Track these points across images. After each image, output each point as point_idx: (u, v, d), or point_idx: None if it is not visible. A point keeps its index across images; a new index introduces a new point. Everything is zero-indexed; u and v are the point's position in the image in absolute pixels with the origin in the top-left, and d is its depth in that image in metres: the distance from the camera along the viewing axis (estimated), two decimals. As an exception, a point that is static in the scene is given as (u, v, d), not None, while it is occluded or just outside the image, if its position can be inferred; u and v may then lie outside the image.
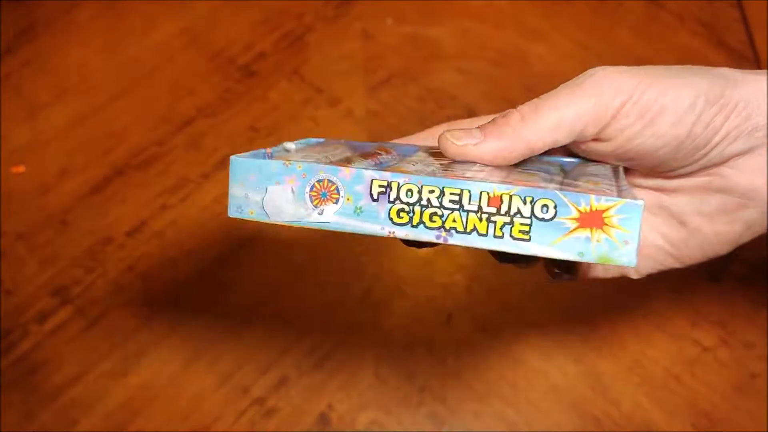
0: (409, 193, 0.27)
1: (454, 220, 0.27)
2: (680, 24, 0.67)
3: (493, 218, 0.27)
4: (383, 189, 0.27)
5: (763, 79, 0.31)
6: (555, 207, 0.26)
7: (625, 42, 0.66)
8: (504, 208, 0.27)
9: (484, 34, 0.67)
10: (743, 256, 0.56)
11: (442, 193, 0.27)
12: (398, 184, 0.27)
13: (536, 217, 0.26)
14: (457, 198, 0.27)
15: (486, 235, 0.27)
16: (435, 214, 0.27)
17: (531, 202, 0.26)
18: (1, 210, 0.60)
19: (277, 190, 0.28)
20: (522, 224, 0.26)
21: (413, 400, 0.52)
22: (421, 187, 0.27)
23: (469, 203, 0.27)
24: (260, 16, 0.69)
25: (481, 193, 0.27)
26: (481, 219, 0.27)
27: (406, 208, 0.27)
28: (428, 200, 0.27)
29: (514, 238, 0.27)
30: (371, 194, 0.28)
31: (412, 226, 0.27)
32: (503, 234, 0.27)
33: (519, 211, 0.26)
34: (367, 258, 0.57)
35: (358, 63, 0.66)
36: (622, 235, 0.26)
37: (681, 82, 0.30)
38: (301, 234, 0.58)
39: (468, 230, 0.27)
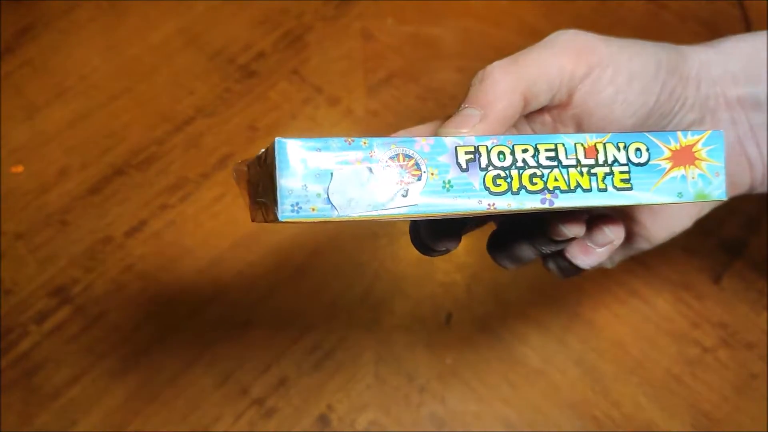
0: (501, 155, 0.24)
1: (556, 179, 0.24)
2: (681, 24, 0.67)
3: (593, 170, 0.25)
4: (471, 155, 0.24)
5: (703, 50, 0.32)
6: (647, 149, 0.25)
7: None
8: (601, 158, 0.25)
9: (485, 33, 0.67)
10: (744, 256, 0.56)
11: (536, 150, 0.24)
12: (487, 147, 0.24)
13: (632, 163, 0.25)
14: (553, 154, 0.25)
15: (590, 190, 0.25)
16: (535, 175, 0.24)
17: (624, 148, 0.25)
18: (1, 210, 0.60)
19: (346, 173, 0.23)
20: (621, 172, 0.25)
21: (413, 400, 0.52)
22: (513, 147, 0.24)
23: (567, 158, 0.25)
24: (260, 16, 0.69)
25: (575, 144, 0.25)
26: (582, 173, 0.25)
27: (502, 174, 0.24)
28: (524, 161, 0.24)
29: (618, 189, 0.25)
30: (459, 163, 0.24)
31: (513, 193, 0.24)
32: (606, 186, 0.25)
33: (616, 159, 0.25)
34: (368, 257, 0.57)
35: (358, 63, 0.66)
36: (713, 167, 0.25)
37: (644, 52, 0.30)
38: (300, 232, 0.58)
39: (572, 187, 0.25)
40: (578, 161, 0.25)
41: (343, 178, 0.23)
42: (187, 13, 0.69)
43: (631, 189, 0.25)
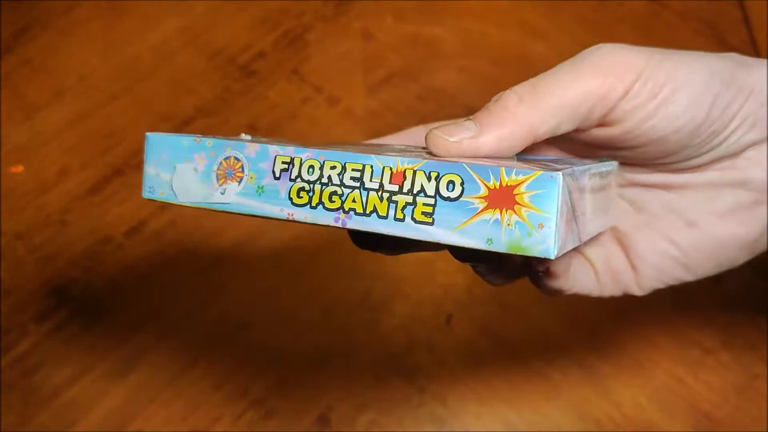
0: (311, 169, 0.24)
1: (354, 200, 0.24)
2: (682, 23, 0.67)
3: (394, 198, 0.23)
4: (286, 166, 0.25)
5: None
6: (462, 183, 0.22)
7: (626, 41, 0.66)
8: (407, 186, 0.23)
9: (485, 33, 0.67)
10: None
11: (344, 169, 0.24)
12: (301, 159, 0.24)
13: (441, 196, 0.22)
14: (358, 175, 0.24)
15: (386, 217, 0.23)
16: (335, 193, 0.24)
17: (436, 179, 0.22)
18: (0, 210, 0.60)
19: (185, 168, 0.26)
20: (425, 204, 0.23)
21: (413, 401, 0.51)
22: (323, 162, 0.24)
23: (371, 180, 0.23)
24: (260, 16, 0.69)
25: (383, 168, 0.23)
26: (381, 199, 0.23)
27: (307, 187, 0.24)
28: (329, 177, 0.24)
29: (416, 222, 0.23)
30: (274, 172, 0.25)
31: (311, 207, 0.24)
32: (404, 216, 0.23)
33: (423, 189, 0.23)
34: (367, 258, 0.57)
35: (358, 62, 0.66)
36: (536, 217, 0.21)
37: (693, 60, 0.28)
38: (301, 233, 0.58)
39: (367, 212, 0.23)
40: (381, 186, 0.23)
41: (181, 172, 0.26)
42: (187, 13, 0.69)
43: (432, 224, 0.22)
